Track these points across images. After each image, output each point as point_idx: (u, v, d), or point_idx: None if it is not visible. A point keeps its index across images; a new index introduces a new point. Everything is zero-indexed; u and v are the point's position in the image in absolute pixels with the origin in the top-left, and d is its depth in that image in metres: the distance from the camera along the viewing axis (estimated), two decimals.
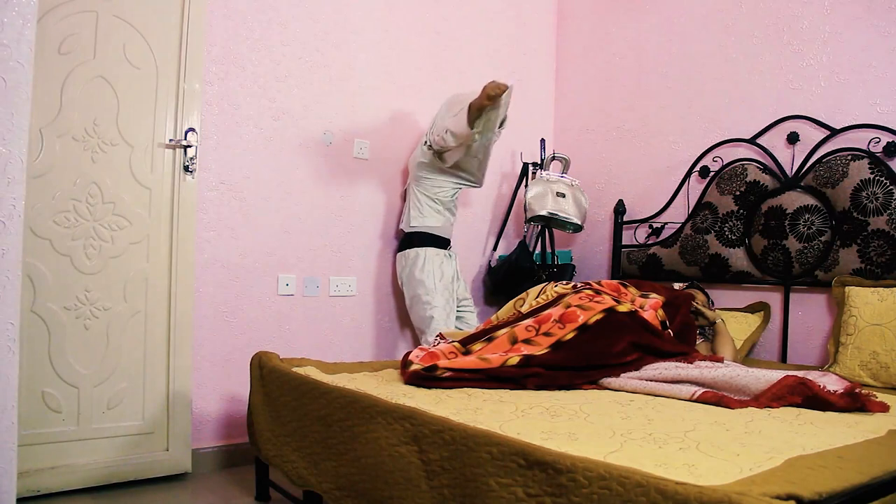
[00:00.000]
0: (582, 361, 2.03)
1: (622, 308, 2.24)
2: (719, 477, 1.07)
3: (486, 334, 2.24)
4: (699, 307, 2.52)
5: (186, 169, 2.50)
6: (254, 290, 2.75)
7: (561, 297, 2.39)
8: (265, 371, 2.14)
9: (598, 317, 2.17)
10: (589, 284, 2.47)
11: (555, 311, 2.24)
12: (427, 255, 2.91)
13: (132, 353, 2.41)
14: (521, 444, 1.24)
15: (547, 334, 2.14)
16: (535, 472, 1.19)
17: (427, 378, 1.95)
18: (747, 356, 2.68)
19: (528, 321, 2.24)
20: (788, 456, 1.20)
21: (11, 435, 1.54)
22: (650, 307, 2.36)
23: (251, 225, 2.75)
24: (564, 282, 2.62)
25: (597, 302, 2.27)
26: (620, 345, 2.09)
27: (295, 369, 2.07)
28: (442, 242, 2.97)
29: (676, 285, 2.75)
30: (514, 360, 1.99)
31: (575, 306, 2.23)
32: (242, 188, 2.73)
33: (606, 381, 2.00)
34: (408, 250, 2.95)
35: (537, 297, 2.51)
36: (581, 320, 2.16)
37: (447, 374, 1.96)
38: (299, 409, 1.92)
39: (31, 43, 1.57)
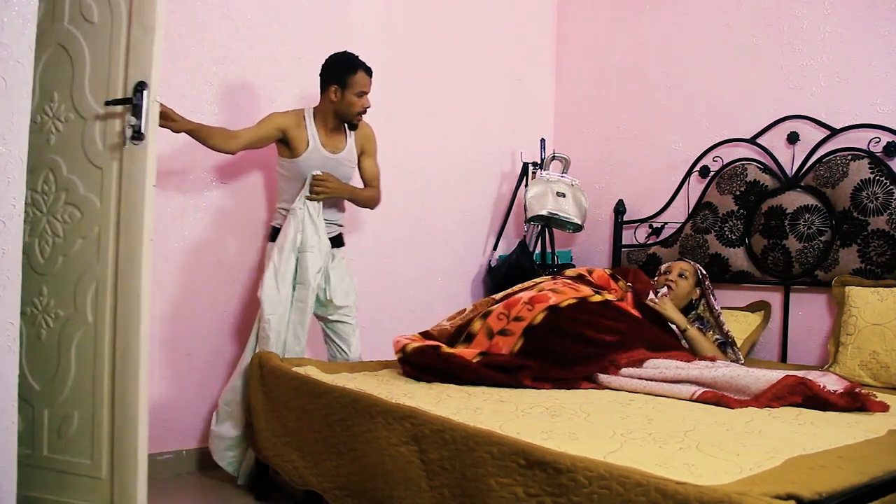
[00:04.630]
0: (559, 345, 2.01)
1: (596, 298, 2.23)
2: (719, 477, 1.07)
3: (462, 332, 2.24)
4: (652, 297, 2.48)
5: (137, 135, 1.78)
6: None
7: (538, 283, 2.38)
8: (265, 371, 2.14)
9: (571, 301, 2.16)
10: (582, 276, 2.49)
11: (525, 294, 2.23)
12: None
13: (81, 370, 1.87)
14: (522, 443, 1.24)
15: (518, 319, 2.13)
16: (535, 472, 1.19)
17: (433, 356, 1.97)
18: (747, 356, 2.68)
19: (499, 307, 2.23)
20: (788, 456, 1.20)
21: (11, 435, 1.54)
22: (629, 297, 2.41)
23: (252, 225, 2.75)
24: (566, 272, 2.62)
25: (572, 289, 2.25)
26: (597, 326, 2.08)
27: (295, 369, 2.07)
28: None
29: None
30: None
31: (548, 290, 2.22)
32: (243, 187, 2.73)
33: (606, 380, 1.99)
34: None
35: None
36: (552, 301, 2.14)
37: (449, 355, 1.98)
38: (299, 409, 1.92)
39: (31, 42, 1.57)
